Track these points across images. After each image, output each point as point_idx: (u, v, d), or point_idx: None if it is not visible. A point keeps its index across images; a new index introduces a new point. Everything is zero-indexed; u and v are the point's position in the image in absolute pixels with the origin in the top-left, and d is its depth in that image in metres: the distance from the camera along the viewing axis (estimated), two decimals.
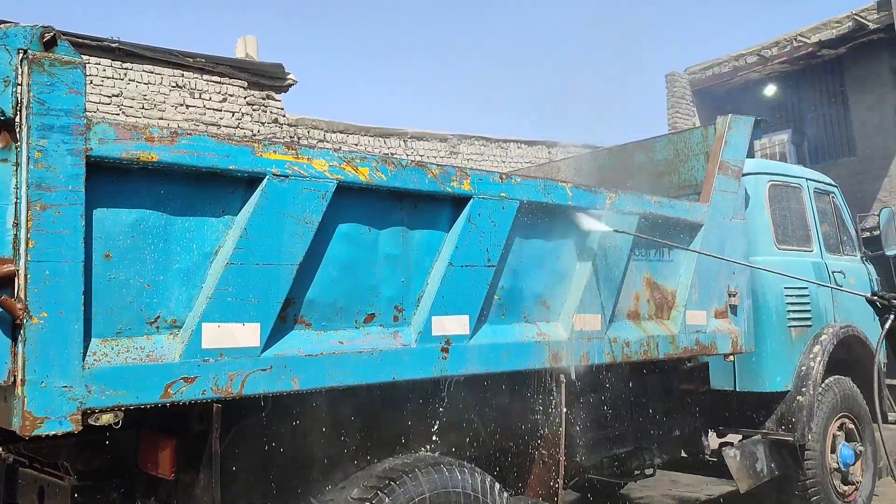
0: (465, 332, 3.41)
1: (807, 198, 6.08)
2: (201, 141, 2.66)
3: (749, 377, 5.52)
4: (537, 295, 3.84)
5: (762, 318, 5.45)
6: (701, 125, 5.24)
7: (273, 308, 2.79)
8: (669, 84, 16.08)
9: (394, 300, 3.25)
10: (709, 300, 4.72)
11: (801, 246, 5.92)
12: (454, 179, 3.41)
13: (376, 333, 3.15)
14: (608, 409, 4.71)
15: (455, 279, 3.38)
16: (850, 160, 14.91)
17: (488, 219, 3.52)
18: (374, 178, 3.12)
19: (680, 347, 4.47)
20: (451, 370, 3.33)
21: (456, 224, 3.45)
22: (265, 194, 2.80)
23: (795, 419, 5.46)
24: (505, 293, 3.68)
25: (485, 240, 3.50)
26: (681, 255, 4.65)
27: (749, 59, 15.36)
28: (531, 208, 3.75)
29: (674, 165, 5.38)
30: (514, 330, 3.69)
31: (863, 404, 6.05)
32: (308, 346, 2.91)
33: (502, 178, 3.61)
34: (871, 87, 14.53)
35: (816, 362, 5.56)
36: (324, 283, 3.02)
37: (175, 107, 9.50)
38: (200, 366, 2.59)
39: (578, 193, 3.97)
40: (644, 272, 4.43)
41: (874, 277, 6.66)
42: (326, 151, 3.01)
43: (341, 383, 2.96)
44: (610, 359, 4.06)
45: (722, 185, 4.91)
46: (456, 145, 12.42)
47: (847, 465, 5.77)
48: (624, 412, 4.88)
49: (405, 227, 3.31)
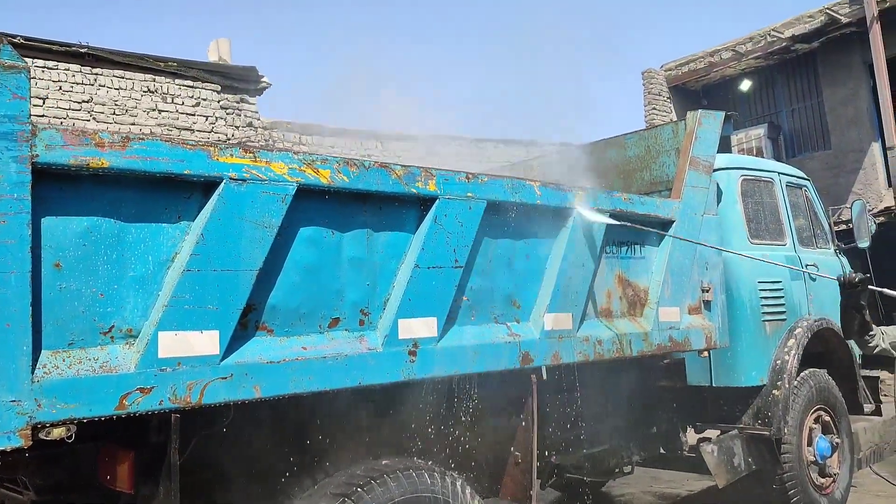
0: (433, 334, 3.36)
1: (779, 192, 6.09)
2: (154, 146, 2.60)
3: (725, 372, 5.52)
4: (507, 295, 3.81)
5: (736, 312, 5.45)
6: (672, 121, 5.20)
7: (232, 315, 2.74)
8: (646, 81, 16.13)
9: (359, 304, 3.20)
10: (682, 296, 4.71)
11: (774, 240, 5.93)
12: (419, 180, 3.37)
13: (341, 338, 3.11)
14: (583, 407, 4.69)
15: (422, 281, 3.34)
16: (825, 154, 15.02)
17: (455, 219, 3.48)
18: (335, 180, 3.08)
19: (653, 345, 4.45)
20: (420, 373, 3.29)
21: (422, 225, 3.41)
22: (222, 199, 2.74)
23: (771, 413, 5.47)
24: (474, 294, 3.64)
25: (452, 241, 3.47)
26: (653, 251, 4.64)
27: (724, 54, 15.44)
28: (499, 208, 3.71)
29: (645, 162, 5.37)
30: (484, 331, 3.65)
31: (838, 396, 6.07)
32: (270, 353, 2.85)
33: (469, 178, 3.58)
34: (844, 81, 14.65)
35: (791, 356, 5.57)
36: (286, 289, 2.97)
37: (147, 112, 9.39)
38: (157, 375, 2.54)
39: (547, 192, 3.94)
40: (616, 269, 4.41)
41: (848, 270, 6.68)
42: (286, 154, 2.96)
43: (305, 390, 2.91)
44: (582, 358, 4.03)
45: (693, 180, 4.90)
46: (433, 146, 12.35)
47: (824, 457, 5.79)
48: (599, 410, 4.87)
49: (370, 229, 3.26)
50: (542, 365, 3.83)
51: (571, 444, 4.56)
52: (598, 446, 4.85)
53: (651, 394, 5.52)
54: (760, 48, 14.86)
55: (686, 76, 16.03)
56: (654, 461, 6.02)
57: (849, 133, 14.66)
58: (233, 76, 10.21)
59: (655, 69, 16.19)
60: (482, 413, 3.78)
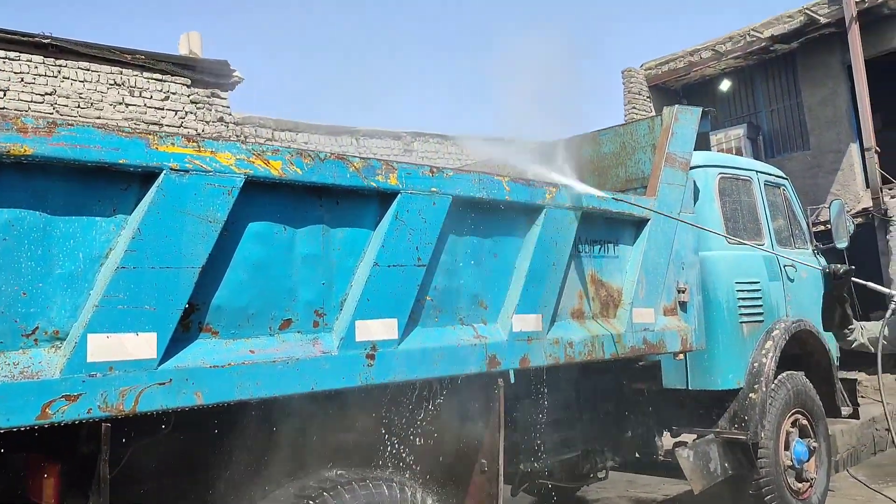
0: (394, 336, 3.19)
1: (757, 190, 5.97)
2: (85, 132, 2.40)
3: (701, 375, 5.39)
4: (474, 295, 3.64)
5: (713, 314, 5.33)
6: (648, 117, 5.06)
7: (172, 315, 2.55)
8: (626, 80, 16.04)
9: (313, 304, 3.02)
10: (657, 297, 4.56)
11: (752, 239, 5.80)
12: (379, 173, 3.19)
13: (293, 341, 2.92)
14: (555, 411, 4.54)
15: (382, 280, 3.16)
16: (804, 154, 15.00)
17: (418, 215, 3.31)
18: (288, 172, 2.89)
19: (626, 347, 4.30)
20: (378, 378, 3.11)
21: (382, 221, 3.23)
22: (162, 191, 2.55)
23: (748, 417, 5.34)
24: (438, 294, 3.47)
25: (414, 237, 3.29)
26: (627, 250, 4.49)
27: (704, 54, 15.38)
28: (466, 203, 3.55)
29: (620, 159, 5.22)
30: (449, 333, 3.47)
31: (816, 399, 5.97)
32: (214, 357, 2.66)
33: (433, 172, 3.40)
34: (822, 82, 14.63)
35: (768, 358, 5.45)
36: (232, 287, 2.77)
37: (113, 105, 9.13)
38: (86, 381, 2.34)
39: (516, 187, 3.77)
40: (589, 269, 4.25)
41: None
42: (233, 144, 2.77)
43: (253, 396, 2.72)
44: (552, 361, 3.87)
45: (669, 177, 4.76)
46: (410, 143, 12.20)
47: (801, 462, 5.68)
48: (572, 414, 4.71)
49: (325, 224, 3.07)
50: (510, 368, 3.66)
51: (542, 450, 4.40)
52: (571, 451, 4.70)
53: (626, 397, 5.39)
54: (740, 48, 14.81)
55: (666, 75, 15.95)
56: (631, 465, 5.89)
57: (827, 134, 14.65)
58: (203, 70, 9.96)
59: (635, 68, 16.10)
60: (446, 419, 3.60)
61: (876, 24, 13.42)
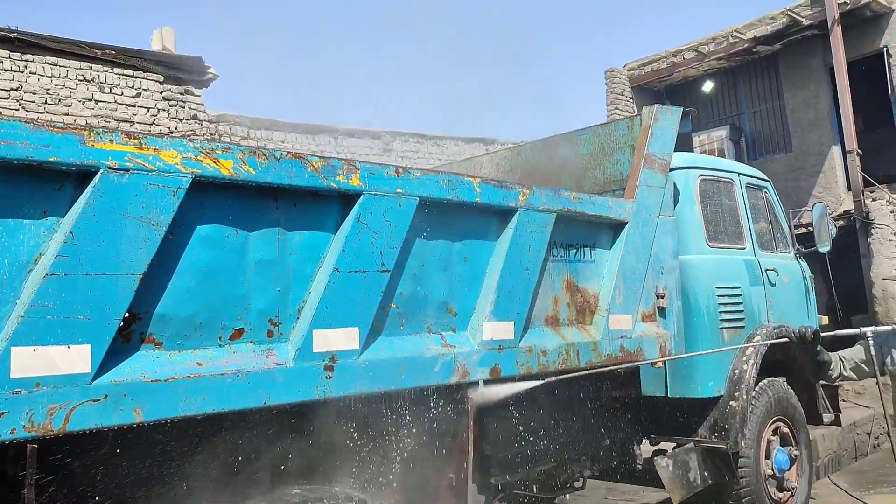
0: (354, 346, 3.01)
1: (739, 193, 5.84)
2: (10, 127, 2.20)
3: (681, 382, 5.24)
4: (442, 302, 3.47)
5: (693, 319, 5.18)
6: (627, 116, 4.91)
7: (109, 326, 2.36)
8: (609, 80, 15.93)
9: (268, 313, 2.84)
10: (634, 303, 4.41)
11: (733, 243, 5.67)
12: (340, 173, 3.01)
13: (245, 352, 2.74)
14: (530, 421, 4.37)
15: (342, 287, 2.98)
16: (786, 156, 14.95)
17: (382, 218, 3.14)
18: (240, 171, 2.71)
19: (603, 355, 4.15)
20: (337, 391, 2.93)
21: (344, 224, 3.05)
22: (98, 191, 2.36)
23: (728, 426, 5.20)
24: (404, 301, 3.30)
25: (378, 241, 3.12)
26: (604, 254, 4.33)
27: (687, 54, 15.29)
28: (434, 206, 3.38)
29: (599, 159, 5.07)
30: (415, 342, 3.30)
31: (797, 406, 5.84)
32: (157, 370, 2.48)
33: (398, 173, 3.23)
34: (805, 84, 14.58)
35: (749, 365, 5.31)
36: (179, 295, 2.59)
37: (82, 101, 8.88)
38: (8, 399, 2.15)
39: (487, 189, 3.61)
40: (563, 274, 4.09)
41: (808, 274, 6.47)
42: (179, 141, 2.58)
43: (199, 412, 2.53)
44: (525, 370, 3.71)
45: (648, 179, 4.61)
46: (389, 142, 12.01)
47: (782, 470, 5.55)
48: (548, 424, 4.55)
49: (282, 228, 2.90)
50: (480, 379, 3.50)
51: (516, 462, 4.23)
52: (547, 462, 4.52)
53: (604, 405, 5.23)
54: (723, 49, 14.73)
55: (648, 76, 15.86)
56: (610, 474, 5.74)
57: (809, 136, 14.60)
58: (177, 66, 9.72)
59: (618, 69, 16.00)
60: (413, 432, 3.44)
61: (858, 26, 13.39)
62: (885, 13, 13.36)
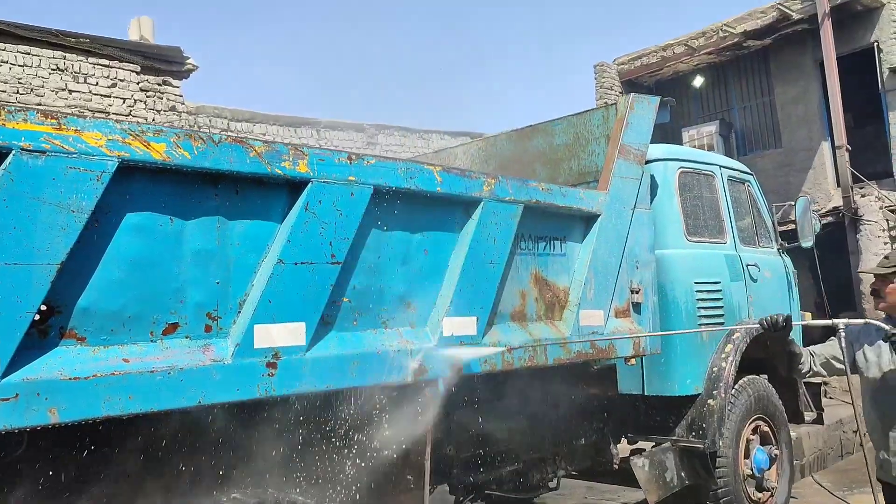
0: (300, 342, 2.85)
1: (720, 186, 5.68)
2: None
3: (658, 380, 5.10)
4: (400, 296, 3.31)
5: (671, 315, 5.03)
6: (603, 106, 4.76)
7: (20, 320, 2.19)
8: (598, 74, 15.78)
9: (205, 306, 2.67)
10: (607, 298, 4.26)
11: (713, 237, 5.52)
12: (286, 159, 2.84)
13: (179, 347, 2.57)
14: (501, 419, 4.23)
15: (287, 279, 2.82)
16: (776, 152, 14.84)
17: (332, 207, 2.97)
18: (174, 156, 2.54)
19: (572, 352, 4.00)
20: (281, 389, 2.77)
21: (290, 213, 2.89)
22: (10, 175, 2.19)
23: (706, 425, 5.05)
24: (358, 295, 3.13)
25: (328, 232, 2.95)
26: (575, 248, 4.18)
27: (677, 49, 15.15)
28: (391, 195, 3.21)
29: (574, 150, 4.91)
30: (369, 338, 3.14)
31: (778, 405, 5.70)
32: (76, 367, 2.31)
33: (351, 160, 3.06)
34: (795, 79, 14.46)
35: (728, 363, 5.17)
36: (104, 287, 2.42)
37: (56, 91, 8.69)
38: None
39: (449, 179, 3.44)
40: (532, 268, 3.93)
41: (791, 270, 6.33)
42: (105, 122, 2.41)
43: (122, 412, 2.37)
44: (488, 368, 3.55)
45: (622, 170, 4.45)
46: (374, 136, 11.83)
47: (761, 470, 5.40)
48: (514, 423, 4.40)
49: (222, 216, 2.73)
50: (440, 377, 3.34)
51: (482, 462, 4.08)
52: (515, 462, 4.38)
53: (579, 403, 5.08)
54: (712, 43, 14.60)
55: (638, 70, 15.71)
56: (587, 473, 5.60)
57: (799, 131, 14.49)
58: (154, 56, 9.52)
59: (608, 62, 15.85)
60: (368, 432, 3.28)
61: (848, 20, 13.27)
62: (875, 8, 13.24)
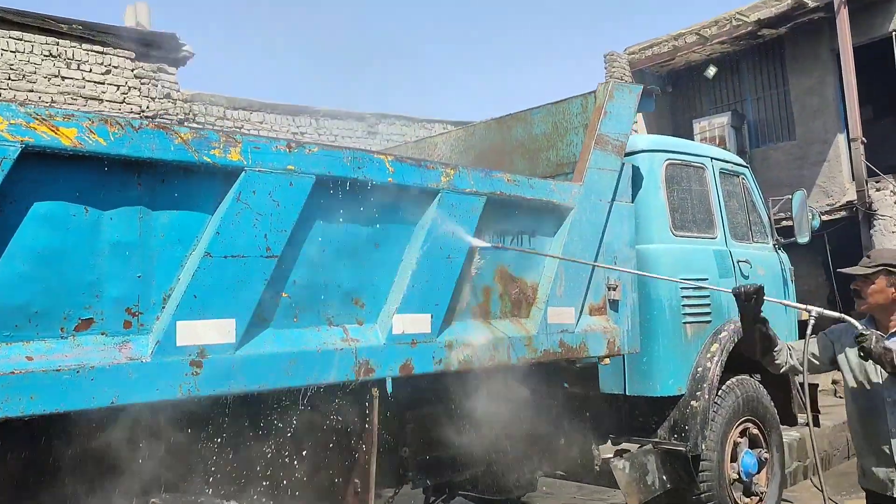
0: (230, 339, 2.71)
1: (711, 179, 5.46)
2: None
3: (640, 380, 4.91)
4: (347, 292, 3.16)
5: (654, 313, 4.85)
6: (582, 94, 4.56)
7: None
8: (608, 64, 15.47)
9: (124, 301, 2.54)
10: (578, 295, 4.08)
11: (702, 232, 5.31)
12: (215, 147, 2.70)
13: (93, 345, 2.44)
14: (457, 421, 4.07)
15: (215, 274, 2.68)
16: (790, 144, 14.48)
17: (268, 197, 2.83)
18: (87, 142, 2.40)
19: (539, 350, 3.83)
20: (206, 389, 2.63)
21: (222, 204, 2.75)
22: None
23: (688, 427, 4.86)
24: (298, 290, 2.99)
25: (262, 223, 2.81)
26: (545, 242, 4.00)
27: (688, 38, 14.81)
28: (337, 185, 3.06)
29: (552, 140, 4.72)
30: (310, 335, 3.00)
31: (769, 407, 5.48)
32: None
33: (290, 148, 2.91)
34: (810, 69, 14.08)
35: (713, 363, 4.97)
36: (8, 281, 2.30)
37: (48, 78, 8.62)
38: None
39: (402, 168, 3.28)
40: (497, 263, 3.77)
41: (787, 267, 6.09)
42: (7, 106, 2.28)
43: (23, 413, 2.24)
44: (443, 367, 3.39)
45: (599, 161, 4.26)
46: (375, 125, 11.67)
47: (749, 474, 5.21)
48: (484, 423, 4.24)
49: (144, 206, 2.59)
50: (388, 376, 3.19)
51: (448, 464, 3.93)
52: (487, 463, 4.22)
53: (557, 402, 4.91)
54: (725, 32, 14.24)
55: (649, 60, 15.38)
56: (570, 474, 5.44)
57: (814, 123, 14.12)
58: (149, 43, 9.42)
59: (618, 52, 15.54)
60: (311, 434, 3.14)
61: (866, 9, 12.87)
62: None
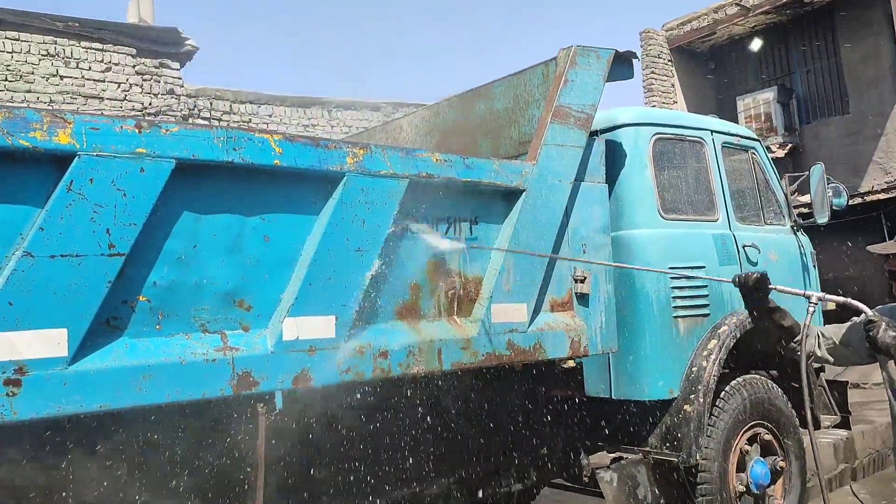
0: (60, 353, 2.33)
1: (711, 155, 4.85)
2: None
3: (626, 382, 4.36)
4: (228, 293, 2.75)
5: (638, 307, 4.29)
6: (543, 62, 4.03)
7: None
8: (644, 42, 14.71)
9: None
10: (533, 289, 3.58)
11: (699, 214, 4.71)
12: (36, 128, 2.31)
13: None
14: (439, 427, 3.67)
15: (37, 277, 2.30)
16: (842, 119, 13.48)
17: (111, 186, 2.44)
18: None
19: (479, 354, 3.34)
20: (26, 412, 2.26)
21: (52, 196, 2.37)
22: None
23: (681, 434, 4.30)
24: (160, 292, 2.59)
25: (103, 217, 2.42)
26: (490, 230, 3.52)
27: (729, 10, 13.93)
28: (207, 171, 2.66)
29: (514, 116, 4.21)
30: (176, 344, 2.60)
31: (784, 409, 4.84)
32: None
33: (141, 128, 2.51)
34: (863, 37, 13.05)
35: (710, 361, 4.38)
36: None
37: (46, 77, 8.49)
38: None
39: (293, 149, 2.85)
40: (428, 255, 3.30)
41: (809, 251, 5.41)
42: None
43: None
44: (353, 376, 2.95)
45: (557, 136, 3.73)
46: (391, 114, 11.25)
47: (761, 486, 4.59)
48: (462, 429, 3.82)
49: None
50: (277, 389, 2.76)
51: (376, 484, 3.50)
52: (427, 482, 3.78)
53: (541, 407, 4.43)
54: (769, 1, 13.33)
55: (688, 36, 14.56)
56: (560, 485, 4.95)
57: (869, 95, 13.10)
58: (150, 39, 9.22)
59: (655, 29, 14.75)
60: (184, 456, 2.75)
61: None
62: None
